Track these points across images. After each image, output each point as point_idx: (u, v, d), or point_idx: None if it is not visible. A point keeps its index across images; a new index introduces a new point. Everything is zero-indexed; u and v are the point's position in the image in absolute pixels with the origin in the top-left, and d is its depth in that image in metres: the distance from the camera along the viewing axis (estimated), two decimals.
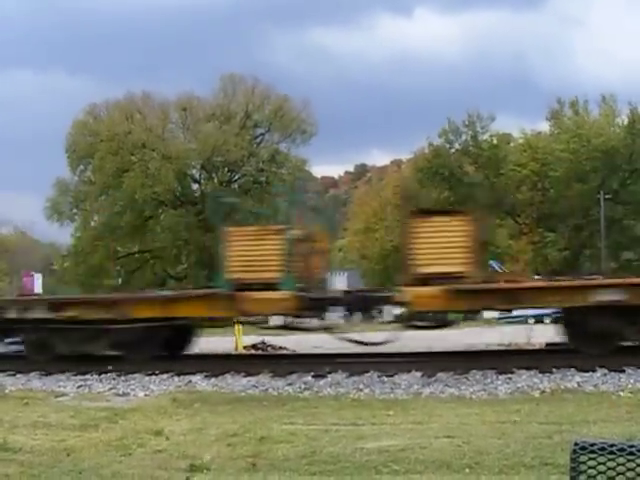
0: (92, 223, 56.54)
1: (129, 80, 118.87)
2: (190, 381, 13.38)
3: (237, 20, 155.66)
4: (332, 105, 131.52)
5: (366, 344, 14.63)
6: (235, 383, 13.11)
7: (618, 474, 2.77)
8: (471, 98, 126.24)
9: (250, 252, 14.39)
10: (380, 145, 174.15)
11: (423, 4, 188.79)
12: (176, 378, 13.64)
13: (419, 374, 12.81)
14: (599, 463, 2.79)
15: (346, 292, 15.52)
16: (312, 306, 14.22)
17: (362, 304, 14.89)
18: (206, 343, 17.52)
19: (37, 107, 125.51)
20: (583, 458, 2.81)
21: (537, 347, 16.68)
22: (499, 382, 12.02)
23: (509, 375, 12.30)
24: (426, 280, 13.47)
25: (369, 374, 13.00)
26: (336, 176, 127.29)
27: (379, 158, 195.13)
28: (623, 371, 12.08)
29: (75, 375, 14.23)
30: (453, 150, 58.44)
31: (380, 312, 16.09)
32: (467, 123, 57.43)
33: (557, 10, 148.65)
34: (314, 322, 14.80)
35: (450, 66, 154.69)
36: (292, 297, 13.91)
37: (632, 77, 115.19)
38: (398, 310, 15.10)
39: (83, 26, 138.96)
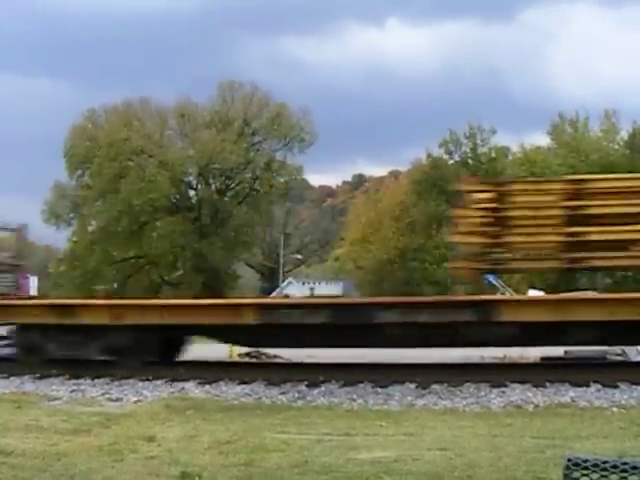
0: (89, 228, 56.56)
1: (111, 86, 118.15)
2: (183, 388, 13.35)
3: (210, 27, 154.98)
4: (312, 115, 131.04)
5: None
6: (229, 391, 13.08)
7: None
8: (448, 110, 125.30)
9: None
10: (364, 155, 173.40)
11: (394, 15, 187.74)
12: (169, 384, 13.62)
13: (413, 385, 12.80)
14: None
15: None
16: None
17: None
18: (200, 350, 17.45)
19: (22, 111, 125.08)
20: (576, 474, 2.82)
21: (532, 361, 16.67)
22: (492, 395, 12.00)
23: (503, 389, 12.29)
24: None
25: (363, 384, 12.99)
26: (334, 186, 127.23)
27: (364, 168, 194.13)
28: (617, 387, 12.09)
29: (68, 379, 14.20)
30: (452, 162, 58.47)
31: None
32: (468, 135, 57.47)
33: (532, 23, 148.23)
34: None
35: (424, 77, 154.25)
36: None
37: (611, 92, 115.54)
38: None
39: (65, 30, 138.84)
